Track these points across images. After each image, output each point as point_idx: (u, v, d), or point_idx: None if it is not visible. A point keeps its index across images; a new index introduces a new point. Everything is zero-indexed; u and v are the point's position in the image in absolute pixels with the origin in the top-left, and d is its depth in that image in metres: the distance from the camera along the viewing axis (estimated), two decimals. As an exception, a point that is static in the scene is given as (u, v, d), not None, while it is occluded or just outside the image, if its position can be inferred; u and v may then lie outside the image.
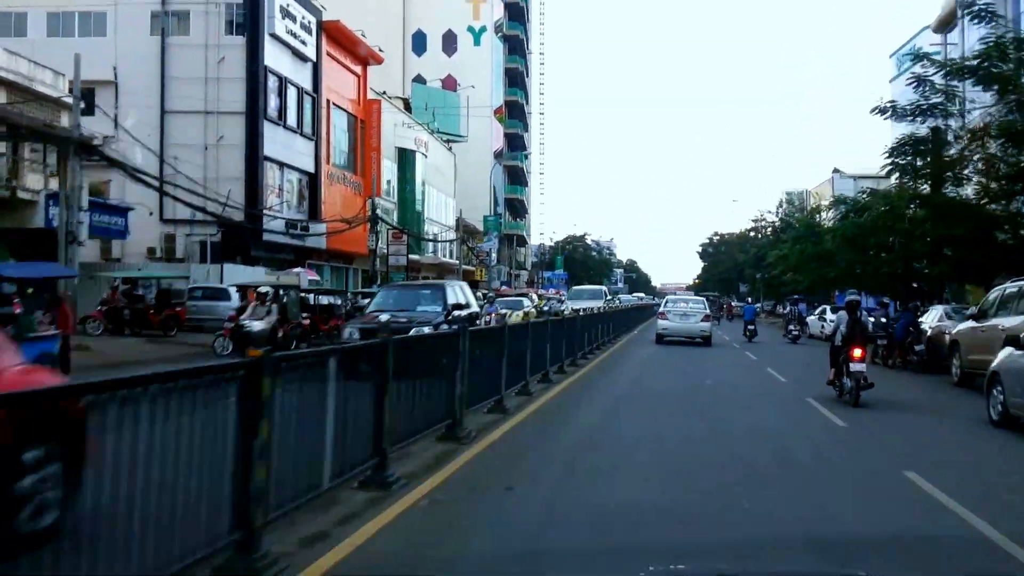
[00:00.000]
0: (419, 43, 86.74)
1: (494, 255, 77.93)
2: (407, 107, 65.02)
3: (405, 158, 55.56)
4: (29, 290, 16.13)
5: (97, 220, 25.24)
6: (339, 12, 44.69)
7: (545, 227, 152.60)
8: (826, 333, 27.33)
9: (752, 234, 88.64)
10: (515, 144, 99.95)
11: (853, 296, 16.14)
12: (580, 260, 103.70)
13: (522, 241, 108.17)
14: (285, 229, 36.28)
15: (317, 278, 34.33)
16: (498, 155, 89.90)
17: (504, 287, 79.67)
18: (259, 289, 23.18)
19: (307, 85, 40.24)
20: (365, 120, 48.14)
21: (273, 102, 36.90)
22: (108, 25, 35.67)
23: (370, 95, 49.67)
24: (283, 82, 37.65)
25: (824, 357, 16.06)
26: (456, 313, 15.89)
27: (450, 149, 72.49)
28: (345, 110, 45.48)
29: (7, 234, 22.63)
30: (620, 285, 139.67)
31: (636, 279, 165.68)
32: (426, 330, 14.07)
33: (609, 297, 42.16)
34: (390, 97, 56.50)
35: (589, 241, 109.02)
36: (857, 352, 13.53)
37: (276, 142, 37.05)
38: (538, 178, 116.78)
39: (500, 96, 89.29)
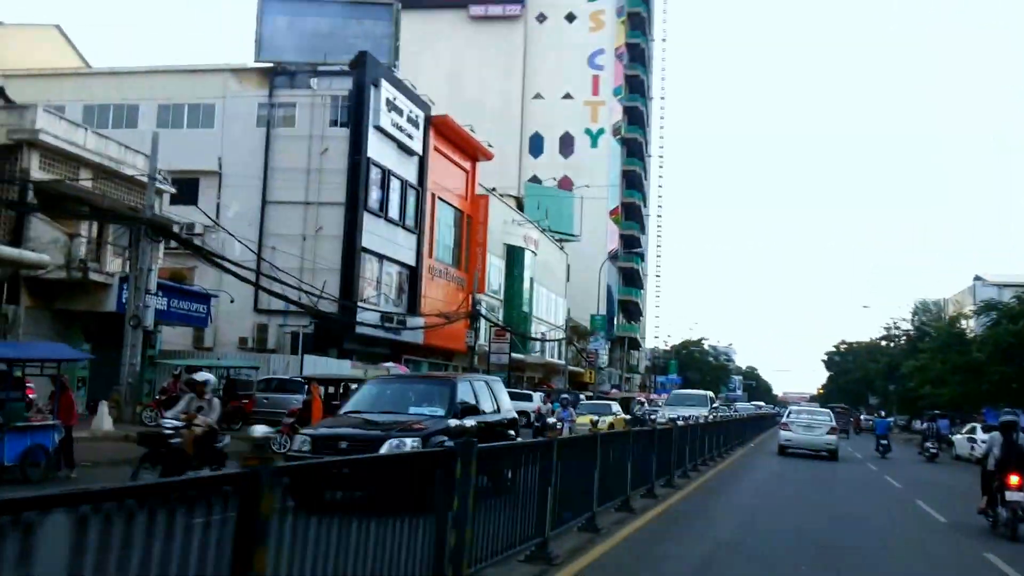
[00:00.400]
0: (536, 145, 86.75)
1: (604, 356, 75.03)
2: (519, 206, 64.15)
3: (513, 255, 54.11)
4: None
5: (177, 306, 24.16)
6: (458, 115, 44.44)
7: (660, 331, 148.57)
8: (976, 455, 23.73)
9: (884, 343, 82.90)
10: (631, 245, 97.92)
11: (1009, 416, 13.12)
12: (695, 365, 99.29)
13: (635, 344, 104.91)
14: (380, 322, 34.83)
15: (408, 372, 32.44)
16: (613, 256, 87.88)
17: (613, 391, 76.55)
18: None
19: (412, 178, 39.42)
20: (472, 215, 47.08)
21: (375, 194, 36.05)
22: (216, 117, 35.85)
23: (479, 191, 48.71)
24: (386, 174, 36.86)
25: (970, 480, 13.44)
26: (465, 421, 11.32)
27: (562, 248, 70.91)
28: (451, 204, 44.50)
29: (80, 317, 21.70)
30: (739, 393, 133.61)
31: (756, 387, 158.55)
32: (409, 444, 9.99)
33: (716, 404, 37.10)
34: (502, 195, 55.62)
35: (706, 346, 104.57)
36: (1014, 479, 11.77)
37: (376, 234, 36.03)
38: (654, 280, 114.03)
39: (616, 197, 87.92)
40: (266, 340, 33.87)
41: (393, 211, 37.69)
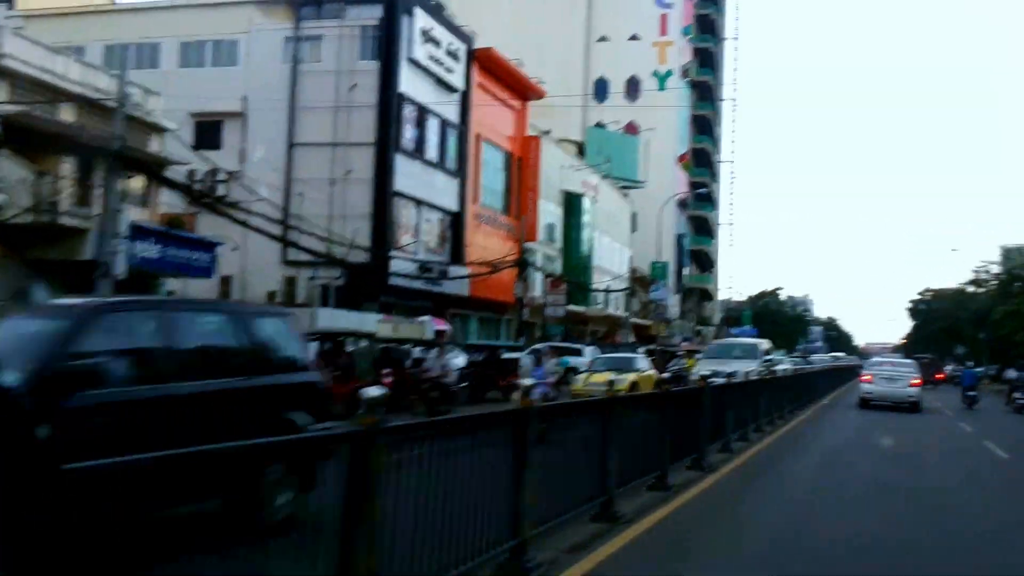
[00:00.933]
0: (601, 89, 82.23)
1: (673, 307, 71.22)
2: (580, 151, 60.39)
3: (571, 202, 50.54)
4: None
5: (173, 255, 21.60)
6: (523, 58, 41.20)
7: (735, 282, 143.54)
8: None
9: (972, 289, 77.04)
10: (702, 194, 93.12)
11: None
12: (771, 316, 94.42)
13: (708, 296, 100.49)
14: (418, 272, 31.97)
15: (447, 328, 29.55)
16: (682, 204, 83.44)
17: (684, 343, 72.82)
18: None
19: (452, 117, 36.17)
20: (523, 158, 43.60)
21: (409, 133, 32.98)
22: (240, 54, 33.16)
23: (532, 132, 45.18)
24: (422, 112, 33.70)
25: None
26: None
27: (626, 195, 66.97)
28: (498, 146, 41.13)
29: (55, 266, 19.19)
30: (818, 344, 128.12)
31: (836, 338, 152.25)
32: None
33: (771, 356, 30.17)
34: (559, 140, 51.97)
35: (782, 297, 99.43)
36: None
37: (412, 177, 33.01)
38: (727, 230, 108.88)
39: (685, 142, 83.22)
40: (295, 294, 31.39)
41: (431, 152, 34.57)
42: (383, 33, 32.11)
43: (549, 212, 47.00)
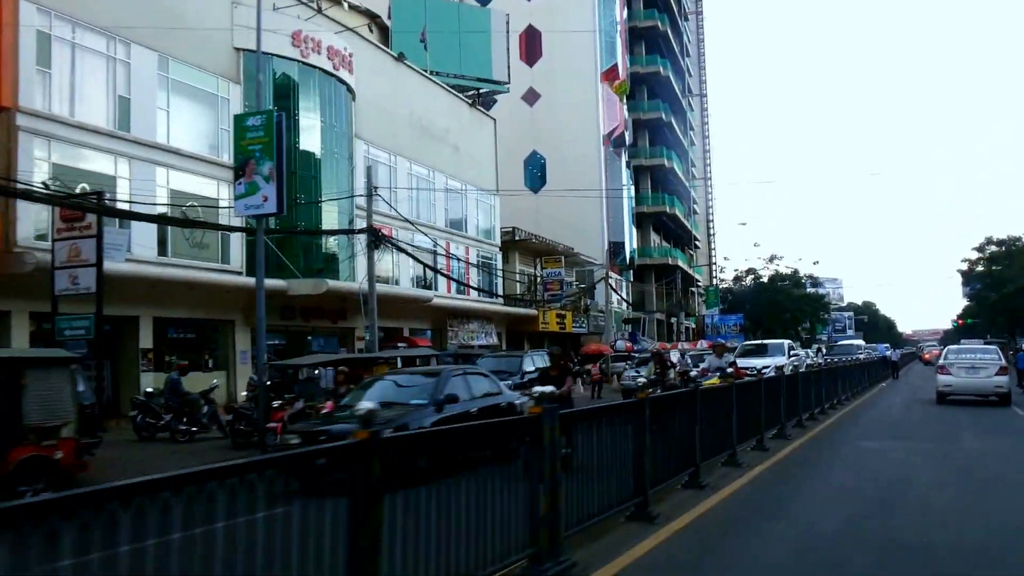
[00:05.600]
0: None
1: (599, 295, 43.75)
2: (385, 37, 33.69)
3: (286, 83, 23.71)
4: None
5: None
6: None
7: (730, 263, 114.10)
8: None
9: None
10: (659, 135, 65.29)
11: None
12: (767, 297, 65.62)
13: (690, 280, 72.56)
14: None
15: None
16: (618, 143, 55.77)
17: (630, 344, 45.69)
18: None
19: None
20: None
21: None
22: None
23: None
24: None
25: None
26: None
27: (472, 105, 39.67)
28: None
29: None
30: (850, 332, 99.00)
31: (874, 324, 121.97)
32: None
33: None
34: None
35: (781, 268, 69.56)
36: None
37: None
38: (705, 191, 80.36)
39: (614, 54, 55.52)
40: None
41: None
42: None
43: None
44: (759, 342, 32.88)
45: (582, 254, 48.13)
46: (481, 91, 40.88)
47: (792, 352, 28.70)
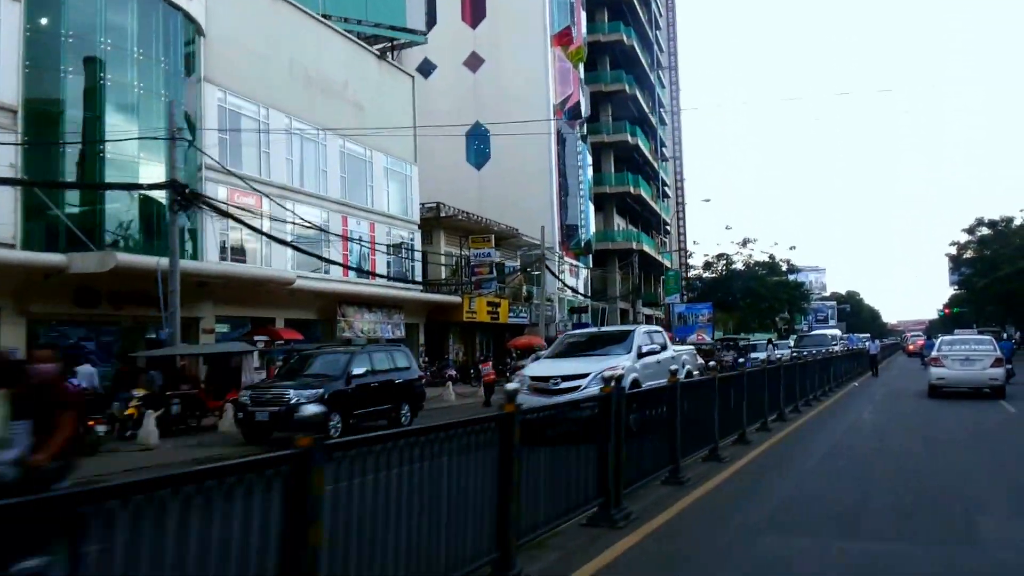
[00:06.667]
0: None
1: (550, 283, 38.06)
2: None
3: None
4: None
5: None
6: None
7: (700, 246, 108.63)
8: None
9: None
10: (623, 109, 59.62)
11: None
12: (741, 284, 59.94)
13: (659, 268, 66.96)
14: None
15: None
16: (573, 115, 50.12)
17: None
18: None
19: None
20: None
21: None
22: None
23: None
24: None
25: None
26: None
27: (379, 55, 33.84)
28: None
29: None
30: (833, 323, 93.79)
31: (858, 314, 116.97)
32: None
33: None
34: None
35: (757, 255, 63.67)
36: None
37: None
38: (674, 172, 74.64)
39: (568, 15, 49.78)
40: None
41: None
42: None
43: None
44: (588, 331, 19.54)
45: (527, 235, 42.47)
46: (397, 43, 35.11)
47: (652, 346, 15.25)
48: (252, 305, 24.84)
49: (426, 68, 49.25)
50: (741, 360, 19.69)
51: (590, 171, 52.57)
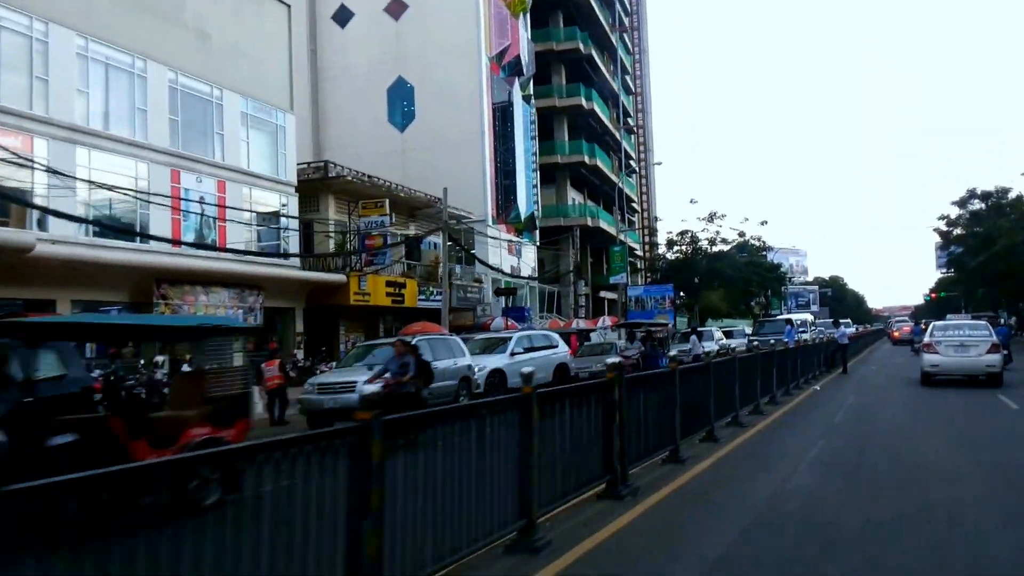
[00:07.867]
0: None
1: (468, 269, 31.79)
2: None
3: None
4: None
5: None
6: None
7: (663, 223, 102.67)
8: None
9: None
10: (578, 71, 53.19)
11: None
12: (707, 264, 53.38)
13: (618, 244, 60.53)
14: None
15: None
16: (513, 70, 43.63)
17: (513, 323, 34.43)
18: None
19: None
20: None
21: None
22: None
23: None
24: None
25: None
26: None
27: None
28: None
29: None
30: (815, 308, 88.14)
31: (842, 299, 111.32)
32: None
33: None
34: None
35: (726, 231, 56.42)
36: None
37: None
38: (636, 143, 67.97)
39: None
40: None
41: None
42: None
43: None
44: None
45: (455, 208, 35.98)
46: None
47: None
48: (27, 283, 18.45)
49: (343, 16, 42.69)
50: (674, 354, 13.06)
51: (535, 136, 46.09)
